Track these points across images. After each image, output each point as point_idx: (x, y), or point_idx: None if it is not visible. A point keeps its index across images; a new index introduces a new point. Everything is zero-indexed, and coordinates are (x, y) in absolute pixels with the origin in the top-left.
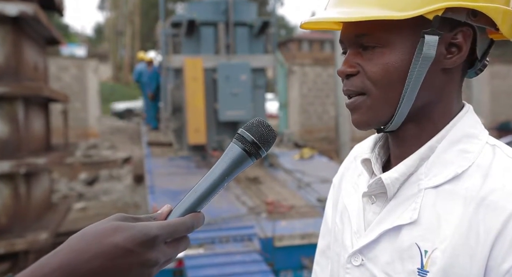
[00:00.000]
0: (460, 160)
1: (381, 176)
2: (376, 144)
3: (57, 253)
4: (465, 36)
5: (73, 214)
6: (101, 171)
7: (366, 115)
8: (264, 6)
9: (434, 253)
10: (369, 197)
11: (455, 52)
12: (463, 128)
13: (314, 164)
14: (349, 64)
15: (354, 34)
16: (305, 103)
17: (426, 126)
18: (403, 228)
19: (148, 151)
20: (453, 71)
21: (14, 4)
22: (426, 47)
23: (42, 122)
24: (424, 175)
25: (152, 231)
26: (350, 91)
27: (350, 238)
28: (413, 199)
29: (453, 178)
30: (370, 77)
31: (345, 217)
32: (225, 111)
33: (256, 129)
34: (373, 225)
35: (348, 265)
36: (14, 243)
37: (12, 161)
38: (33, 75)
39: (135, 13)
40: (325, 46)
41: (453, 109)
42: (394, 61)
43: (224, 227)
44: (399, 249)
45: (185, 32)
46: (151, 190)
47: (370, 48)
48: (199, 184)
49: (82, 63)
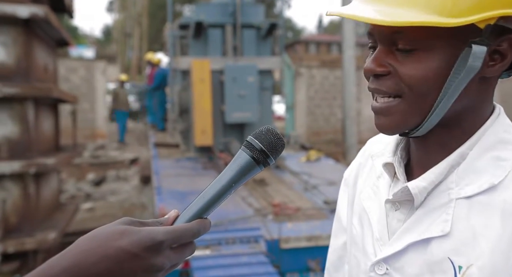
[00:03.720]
0: (495, 169)
1: (408, 185)
2: (398, 146)
3: (65, 254)
4: (511, 43)
5: (81, 214)
6: (108, 172)
7: (396, 120)
8: (272, 8)
9: (470, 269)
10: (392, 204)
11: (498, 60)
12: (496, 133)
13: (321, 166)
14: (379, 63)
15: (390, 31)
16: (312, 105)
17: (455, 132)
18: (433, 241)
19: (155, 152)
20: (492, 79)
21: (26, 6)
22: (472, 58)
23: (51, 122)
24: (455, 184)
25: (158, 236)
26: (380, 91)
27: (372, 244)
28: (443, 209)
29: (488, 188)
30: (406, 81)
31: (364, 220)
32: (232, 113)
33: (265, 137)
34: (399, 234)
35: (372, 273)
36: (23, 242)
37: (22, 161)
38: (43, 76)
39: (143, 15)
40: (332, 48)
41: (485, 114)
42: (435, 67)
43: (230, 229)
44: (429, 262)
45: (193, 34)
46: (158, 191)
47: (406, 49)
48: (207, 190)
49: (91, 64)
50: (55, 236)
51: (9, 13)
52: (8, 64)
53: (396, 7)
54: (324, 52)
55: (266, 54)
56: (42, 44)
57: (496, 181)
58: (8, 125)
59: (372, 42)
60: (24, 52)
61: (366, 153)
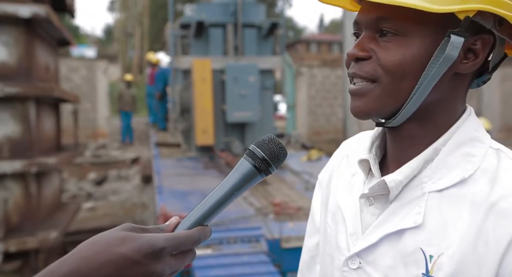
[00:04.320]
0: (465, 164)
1: (385, 178)
2: (373, 143)
3: (66, 259)
4: (484, 43)
5: (82, 213)
6: (109, 171)
7: (370, 104)
8: (273, 7)
9: (440, 258)
10: (367, 199)
11: (471, 58)
12: (468, 131)
13: (322, 165)
14: (362, 47)
15: (376, 16)
16: (313, 105)
17: (428, 127)
18: (406, 232)
19: (156, 151)
20: (464, 76)
21: (27, 6)
22: (450, 47)
23: (53, 122)
24: (428, 178)
25: (159, 243)
26: (357, 75)
27: (345, 240)
28: (416, 202)
29: (459, 182)
30: (383, 65)
31: (338, 217)
32: (233, 113)
33: (267, 146)
34: (372, 228)
35: (345, 268)
36: (25, 242)
37: (23, 161)
38: (44, 76)
39: (144, 15)
40: (333, 48)
41: (456, 112)
42: (412, 53)
43: (231, 228)
44: (402, 253)
45: (194, 33)
46: (159, 191)
47: (388, 35)
48: (208, 198)
49: (92, 64)
50: (56, 235)
51: (11, 13)
52: (10, 64)
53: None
54: (325, 52)
55: (267, 54)
56: (43, 43)
57: (466, 175)
58: (9, 125)
59: (356, 29)
60: (25, 51)
61: (340, 154)
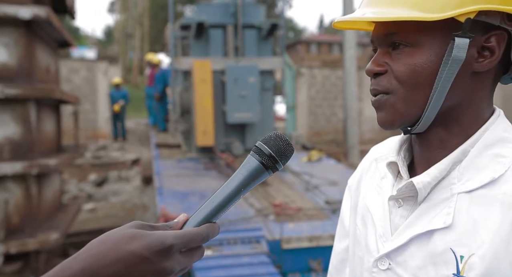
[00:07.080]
0: (495, 165)
1: (413, 180)
2: (402, 146)
3: (77, 257)
4: (498, 40)
5: (83, 214)
6: (110, 173)
7: (390, 115)
8: (273, 8)
9: (471, 258)
10: (395, 201)
11: (487, 56)
12: (497, 132)
13: (322, 166)
14: (377, 63)
15: (384, 33)
16: (313, 106)
17: (454, 129)
18: (435, 233)
19: (157, 152)
20: (484, 75)
21: (27, 7)
22: (456, 49)
23: (53, 123)
24: (457, 180)
25: (168, 240)
26: (376, 90)
27: (375, 241)
28: (445, 203)
29: (488, 183)
30: (397, 77)
31: (367, 220)
32: (233, 113)
33: (274, 143)
34: (401, 229)
35: (374, 269)
36: (26, 243)
37: (24, 162)
38: (45, 77)
39: (144, 16)
40: (334, 49)
41: (483, 114)
42: (423, 61)
43: (232, 229)
44: (432, 254)
45: (194, 34)
46: (159, 192)
47: (399, 47)
48: (216, 195)
49: (92, 65)
50: (57, 237)
51: (11, 14)
52: (10, 65)
53: (388, 7)
54: (325, 52)
55: (267, 55)
56: (43, 45)
57: (496, 175)
58: (10, 126)
59: (374, 47)
60: (26, 53)
61: (369, 158)
